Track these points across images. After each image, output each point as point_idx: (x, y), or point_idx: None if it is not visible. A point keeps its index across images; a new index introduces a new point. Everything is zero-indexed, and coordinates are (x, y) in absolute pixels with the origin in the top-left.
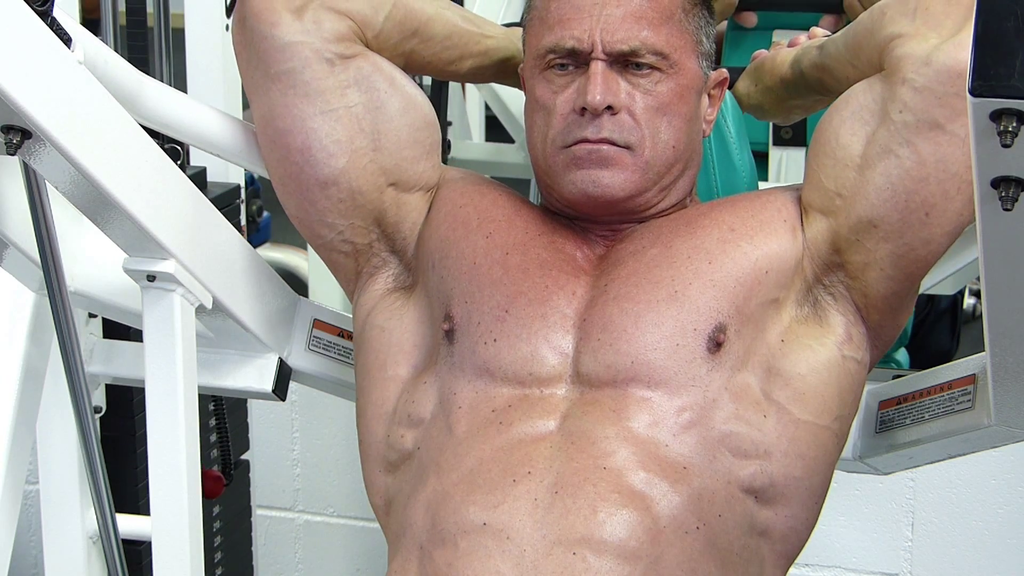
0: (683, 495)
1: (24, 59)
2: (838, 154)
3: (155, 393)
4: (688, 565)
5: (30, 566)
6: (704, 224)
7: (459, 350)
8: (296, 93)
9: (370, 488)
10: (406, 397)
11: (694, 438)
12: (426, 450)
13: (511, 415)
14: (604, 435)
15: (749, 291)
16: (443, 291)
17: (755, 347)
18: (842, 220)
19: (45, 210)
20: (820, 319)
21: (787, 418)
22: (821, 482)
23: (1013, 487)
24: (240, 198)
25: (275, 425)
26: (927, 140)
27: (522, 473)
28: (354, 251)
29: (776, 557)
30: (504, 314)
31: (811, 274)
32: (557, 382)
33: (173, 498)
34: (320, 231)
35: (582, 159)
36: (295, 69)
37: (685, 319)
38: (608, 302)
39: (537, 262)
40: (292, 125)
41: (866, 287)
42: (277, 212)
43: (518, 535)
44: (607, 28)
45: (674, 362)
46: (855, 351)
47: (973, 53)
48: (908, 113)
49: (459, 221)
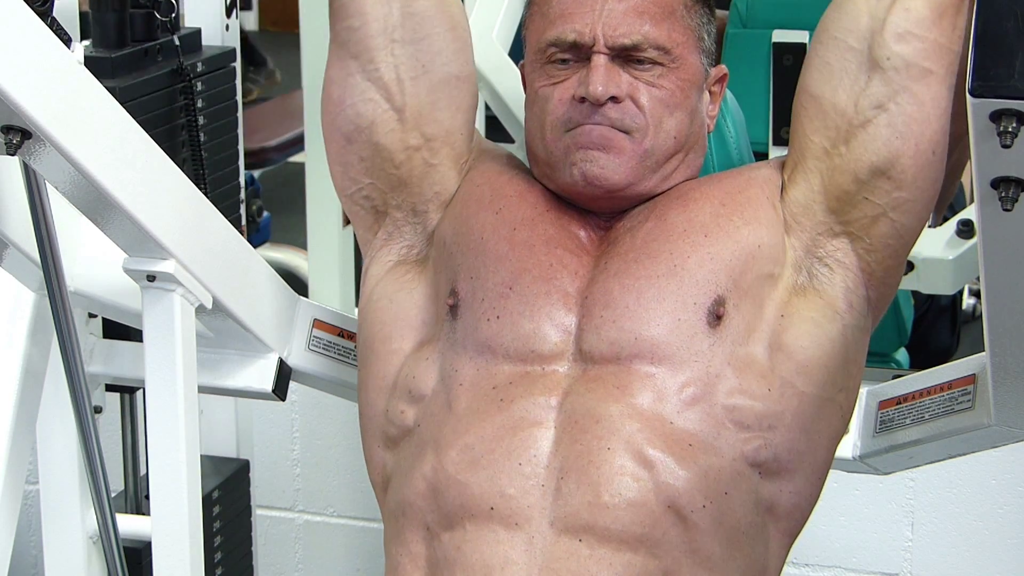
0: (689, 473)
1: (24, 59)
2: (829, 111)
3: (155, 393)
4: (694, 545)
5: (30, 566)
6: (696, 198)
7: (462, 326)
8: (348, 50)
9: (369, 463)
10: (407, 371)
11: (698, 414)
12: (426, 426)
13: (512, 392)
14: (608, 413)
15: (745, 264)
16: (451, 267)
17: (755, 322)
18: (844, 176)
19: (45, 210)
20: (818, 291)
21: (791, 391)
22: (825, 457)
23: (1013, 487)
24: (235, 60)
25: (275, 425)
26: (922, 84)
27: (527, 456)
28: (374, 209)
29: (780, 535)
30: (508, 291)
31: (800, 247)
32: (559, 359)
33: (173, 498)
34: (343, 183)
35: (581, 141)
36: (353, 27)
37: (685, 293)
38: (609, 279)
39: (543, 238)
40: (336, 75)
41: (873, 242)
42: (277, 212)
43: (526, 522)
44: (609, 22)
45: (676, 337)
46: (857, 318)
47: (973, 53)
48: (897, 59)
49: (473, 199)
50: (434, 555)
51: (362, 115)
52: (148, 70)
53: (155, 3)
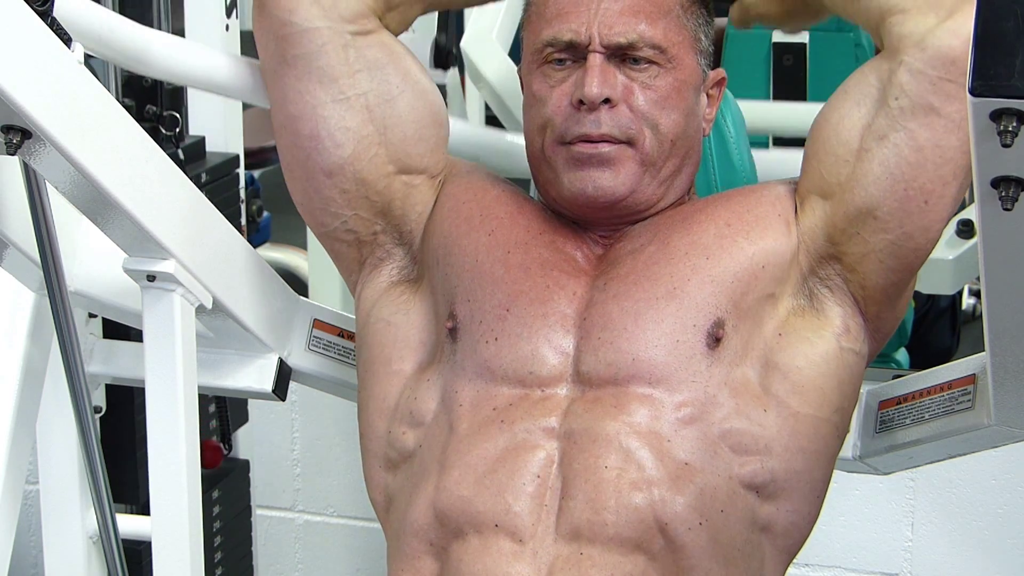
0: (685, 492)
1: (24, 59)
2: (838, 150)
3: (155, 393)
4: (691, 562)
5: (30, 566)
6: (700, 220)
7: (461, 348)
8: (310, 79)
9: (370, 484)
10: (409, 394)
11: (694, 434)
12: (428, 448)
13: (512, 414)
14: (605, 432)
15: (746, 286)
16: (447, 288)
17: (752, 342)
18: (840, 211)
19: (45, 210)
20: (817, 311)
21: (786, 412)
22: (822, 476)
23: (1013, 487)
24: (239, 167)
25: (275, 425)
26: (923, 125)
27: (530, 476)
28: (357, 241)
29: (777, 552)
30: (505, 313)
31: (806, 267)
32: (558, 382)
33: (173, 498)
34: (324, 219)
35: (582, 160)
36: (311, 54)
37: (684, 315)
38: (607, 300)
39: (538, 261)
40: (303, 111)
41: (864, 278)
42: (277, 212)
43: (530, 537)
44: (605, 21)
45: (674, 359)
46: (853, 343)
47: (973, 53)
48: (904, 98)
49: (462, 217)
50: (439, 571)
51: (342, 145)
52: None
53: (160, 118)
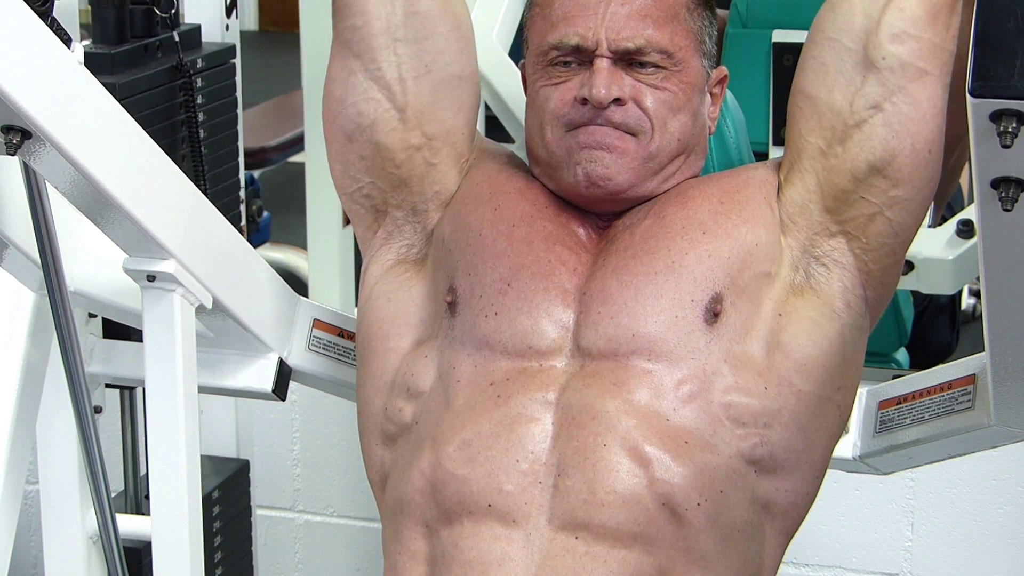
0: (685, 470)
1: (24, 59)
2: (824, 111)
3: (155, 393)
4: (689, 542)
5: (30, 566)
6: (694, 196)
7: (460, 323)
8: (351, 49)
9: (367, 461)
10: (406, 369)
11: (695, 411)
12: (424, 423)
13: (509, 388)
14: (604, 409)
15: (742, 262)
16: (449, 264)
17: (752, 320)
18: (839, 179)
19: (45, 210)
20: (816, 291)
21: (788, 389)
22: (822, 456)
23: (1013, 487)
24: (235, 57)
25: (275, 425)
26: (917, 84)
27: (524, 453)
28: (373, 208)
29: (776, 533)
30: (506, 287)
31: (798, 247)
32: (556, 355)
33: (173, 498)
34: (343, 182)
35: (585, 141)
36: (355, 26)
37: (683, 290)
38: (607, 275)
39: (542, 235)
40: (338, 74)
41: (869, 241)
42: (277, 212)
43: (524, 519)
44: (612, 26)
45: (674, 334)
46: (854, 318)
47: (973, 53)
48: (893, 59)
49: (473, 196)
50: (432, 552)
51: (363, 114)
52: (147, 66)
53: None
